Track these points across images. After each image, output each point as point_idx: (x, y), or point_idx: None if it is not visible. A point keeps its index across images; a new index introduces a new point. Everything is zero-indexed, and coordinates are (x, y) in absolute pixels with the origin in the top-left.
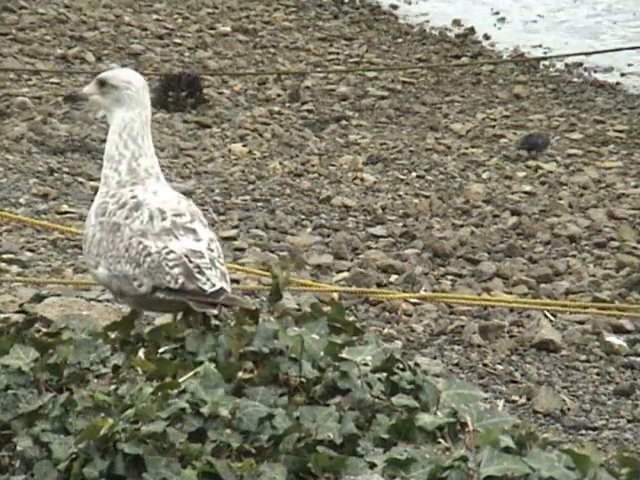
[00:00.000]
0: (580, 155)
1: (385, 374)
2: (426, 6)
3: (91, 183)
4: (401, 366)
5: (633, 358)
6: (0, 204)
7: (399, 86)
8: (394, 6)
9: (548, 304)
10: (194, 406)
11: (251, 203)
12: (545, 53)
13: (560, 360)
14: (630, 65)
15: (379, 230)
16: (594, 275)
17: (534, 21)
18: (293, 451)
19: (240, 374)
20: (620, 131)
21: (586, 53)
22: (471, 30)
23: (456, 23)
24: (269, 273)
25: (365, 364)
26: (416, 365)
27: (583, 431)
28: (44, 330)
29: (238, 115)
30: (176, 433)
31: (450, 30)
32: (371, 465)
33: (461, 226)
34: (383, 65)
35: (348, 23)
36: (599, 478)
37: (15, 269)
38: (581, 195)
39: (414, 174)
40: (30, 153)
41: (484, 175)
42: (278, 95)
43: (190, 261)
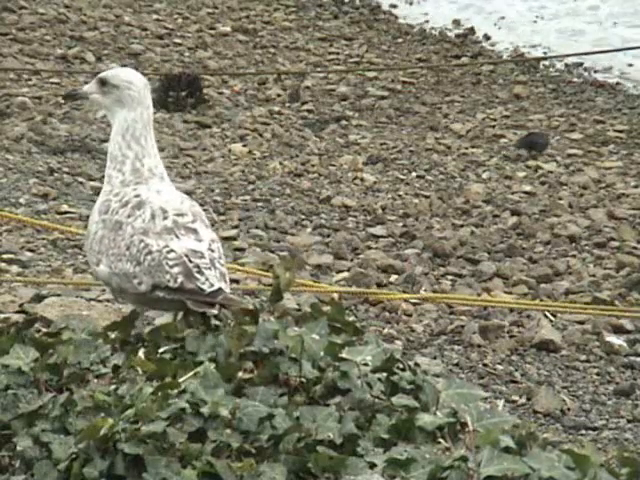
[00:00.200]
0: (580, 155)
1: (385, 374)
2: (426, 6)
3: (91, 183)
4: (401, 366)
5: (633, 358)
6: (0, 204)
7: (399, 86)
8: (394, 6)
9: (548, 305)
10: (194, 406)
11: (251, 203)
12: (545, 53)
13: (560, 360)
14: (630, 65)
15: (379, 230)
16: (594, 275)
17: (534, 21)
18: (293, 451)
19: (240, 374)
20: (620, 131)
21: (586, 53)
22: (471, 30)
23: (456, 23)
24: (270, 273)
25: (365, 364)
26: (416, 365)
27: (583, 431)
28: (44, 330)
29: (238, 115)
30: (176, 433)
31: (450, 30)
32: (371, 465)
33: (461, 226)
34: (383, 65)
35: (348, 23)
36: (599, 478)
37: (15, 269)
38: (581, 195)
39: (414, 174)
40: (30, 153)
41: (484, 175)
42: (278, 95)
43: (190, 261)
